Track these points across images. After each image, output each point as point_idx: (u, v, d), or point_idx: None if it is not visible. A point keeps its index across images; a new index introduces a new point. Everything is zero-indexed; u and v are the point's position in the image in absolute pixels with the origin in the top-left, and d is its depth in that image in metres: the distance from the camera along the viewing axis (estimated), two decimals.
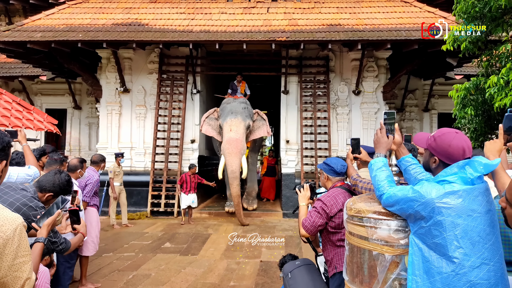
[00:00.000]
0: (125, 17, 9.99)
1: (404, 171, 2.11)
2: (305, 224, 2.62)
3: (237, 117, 8.66)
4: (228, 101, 9.39)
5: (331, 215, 2.59)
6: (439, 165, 1.80)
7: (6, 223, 1.34)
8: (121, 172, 8.52)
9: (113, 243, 7.14)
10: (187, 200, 8.81)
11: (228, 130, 8.54)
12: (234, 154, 8.32)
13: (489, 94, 5.68)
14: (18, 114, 7.14)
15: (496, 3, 5.65)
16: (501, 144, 2.05)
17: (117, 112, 10.60)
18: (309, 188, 2.87)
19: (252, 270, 5.72)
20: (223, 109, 9.12)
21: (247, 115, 8.89)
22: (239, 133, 8.49)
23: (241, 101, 9.28)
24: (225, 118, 8.72)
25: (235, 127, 8.53)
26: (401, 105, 12.92)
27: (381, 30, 8.97)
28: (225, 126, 8.61)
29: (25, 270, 1.39)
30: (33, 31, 9.11)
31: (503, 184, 1.80)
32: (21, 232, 1.38)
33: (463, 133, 1.77)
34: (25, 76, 12.26)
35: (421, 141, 1.94)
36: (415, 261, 1.70)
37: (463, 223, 1.60)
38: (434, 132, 1.85)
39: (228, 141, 8.41)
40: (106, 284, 5.07)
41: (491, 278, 1.58)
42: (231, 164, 8.31)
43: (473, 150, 1.83)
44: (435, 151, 1.80)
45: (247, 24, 9.65)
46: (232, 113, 8.76)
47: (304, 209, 2.79)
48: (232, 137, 8.42)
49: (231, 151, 8.33)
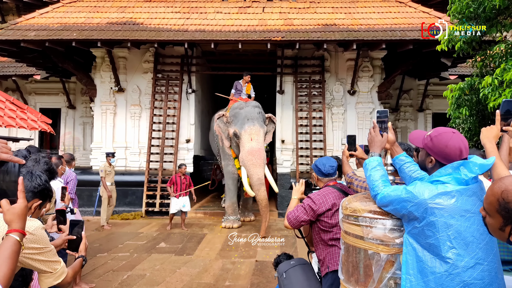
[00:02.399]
0: (120, 16, 9.95)
1: (399, 170, 2.11)
2: (289, 216, 2.68)
3: (255, 124, 7.88)
4: (240, 106, 8.40)
5: (319, 213, 2.61)
6: (435, 165, 1.78)
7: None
8: (112, 172, 8.42)
9: (107, 243, 7.11)
10: (177, 204, 8.25)
11: (248, 139, 7.79)
12: (259, 165, 7.66)
13: (484, 94, 5.71)
14: (12, 113, 7.08)
15: (490, 3, 5.69)
16: (498, 130, 2.01)
17: (112, 112, 10.55)
18: (305, 183, 2.90)
19: (248, 269, 5.71)
20: (236, 114, 8.20)
21: (263, 120, 8.19)
22: (260, 142, 7.82)
23: (254, 105, 8.38)
24: (243, 126, 7.90)
25: (255, 136, 7.80)
26: (396, 105, 12.98)
27: (376, 30, 9.00)
28: (244, 135, 7.84)
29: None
30: (27, 30, 9.05)
31: (499, 175, 1.77)
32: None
33: (460, 133, 1.75)
34: (18, 75, 12.20)
35: (417, 140, 1.91)
36: (409, 260, 1.70)
37: (456, 223, 1.59)
38: (430, 131, 1.83)
39: (251, 152, 7.69)
40: (101, 285, 5.04)
41: (485, 278, 1.57)
42: (257, 173, 7.65)
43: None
44: (432, 151, 1.78)
45: (242, 24, 9.64)
46: (248, 119, 7.94)
47: (295, 202, 2.84)
48: (255, 147, 7.72)
49: (255, 162, 7.65)
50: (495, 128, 2.02)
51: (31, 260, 1.64)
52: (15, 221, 1.40)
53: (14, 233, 1.38)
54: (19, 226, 1.40)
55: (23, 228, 1.42)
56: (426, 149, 1.81)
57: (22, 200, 1.42)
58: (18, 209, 1.41)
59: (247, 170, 7.75)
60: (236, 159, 8.38)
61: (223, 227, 8.42)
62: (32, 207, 1.90)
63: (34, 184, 1.91)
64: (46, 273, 1.72)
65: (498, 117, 2.05)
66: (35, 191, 1.91)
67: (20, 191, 1.42)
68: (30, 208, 1.90)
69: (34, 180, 1.92)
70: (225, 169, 8.87)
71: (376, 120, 2.17)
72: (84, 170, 10.44)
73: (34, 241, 1.64)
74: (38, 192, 1.92)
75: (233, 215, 8.61)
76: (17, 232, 1.39)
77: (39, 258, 1.67)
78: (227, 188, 8.83)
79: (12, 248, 1.36)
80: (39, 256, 1.67)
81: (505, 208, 1.24)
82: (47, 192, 1.99)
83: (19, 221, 1.41)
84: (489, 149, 1.93)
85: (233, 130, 8.07)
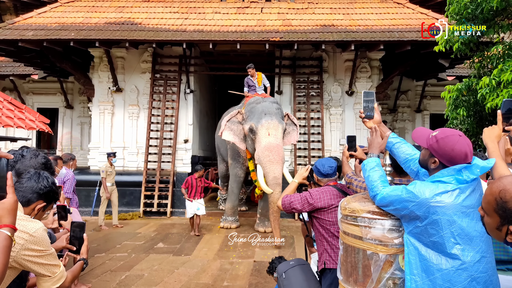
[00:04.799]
0: (118, 16, 9.94)
1: (390, 150, 2.15)
2: (284, 199, 2.75)
3: (273, 119, 7.24)
4: (257, 101, 7.79)
5: (313, 207, 2.67)
6: (438, 166, 1.77)
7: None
8: (113, 172, 8.42)
9: (105, 243, 7.09)
10: (192, 208, 7.75)
11: (265, 134, 7.14)
12: (277, 162, 6.93)
13: (481, 95, 5.74)
14: (10, 113, 7.06)
15: (488, 4, 5.72)
16: (500, 130, 2.01)
17: (110, 112, 10.54)
18: (310, 170, 2.92)
19: (246, 270, 5.71)
20: (253, 109, 7.60)
21: (281, 116, 7.57)
22: (278, 138, 7.15)
23: (272, 100, 7.80)
24: (259, 120, 7.27)
25: (273, 131, 7.13)
26: (394, 105, 13.02)
27: (374, 31, 9.03)
28: (261, 129, 7.18)
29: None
30: (25, 29, 9.02)
31: (500, 175, 1.76)
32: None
33: (465, 136, 1.73)
34: (16, 75, 12.16)
35: (420, 139, 1.86)
36: (412, 260, 1.71)
37: (458, 220, 1.61)
38: (436, 132, 1.78)
39: (268, 148, 6.99)
40: (99, 285, 5.03)
41: (489, 270, 1.61)
42: (274, 171, 6.92)
43: None
44: (437, 153, 1.75)
45: (241, 24, 9.65)
46: (265, 114, 7.33)
47: (294, 185, 2.89)
48: (272, 143, 7.02)
49: (273, 159, 6.92)
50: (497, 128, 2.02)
51: (30, 263, 1.62)
52: (5, 216, 1.38)
53: (5, 228, 1.37)
54: (9, 221, 1.39)
55: (14, 223, 1.40)
56: (430, 150, 1.78)
57: (12, 195, 1.40)
58: (7, 204, 1.39)
59: (263, 168, 7.04)
60: (251, 160, 7.87)
61: (221, 227, 8.32)
62: (35, 209, 1.88)
63: (40, 186, 1.88)
64: (44, 276, 1.70)
65: (499, 117, 2.06)
66: (40, 192, 1.88)
67: (9, 186, 1.40)
68: (34, 210, 1.87)
69: (41, 181, 1.90)
70: (231, 171, 8.58)
71: (362, 101, 2.22)
72: (82, 170, 10.41)
73: (35, 243, 1.62)
74: (43, 194, 1.90)
75: (232, 216, 8.49)
76: (8, 227, 1.37)
77: (39, 261, 1.65)
78: (230, 191, 8.57)
79: (3, 243, 1.35)
80: (39, 259, 1.65)
81: (502, 207, 1.24)
82: (52, 195, 1.96)
83: (9, 216, 1.39)
84: (491, 149, 1.94)
85: (248, 126, 7.50)
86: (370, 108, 2.19)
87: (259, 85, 8.46)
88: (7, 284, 1.64)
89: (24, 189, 1.87)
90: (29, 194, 1.87)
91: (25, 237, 1.60)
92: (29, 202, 1.86)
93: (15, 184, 1.89)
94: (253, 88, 8.45)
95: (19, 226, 1.62)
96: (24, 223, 1.64)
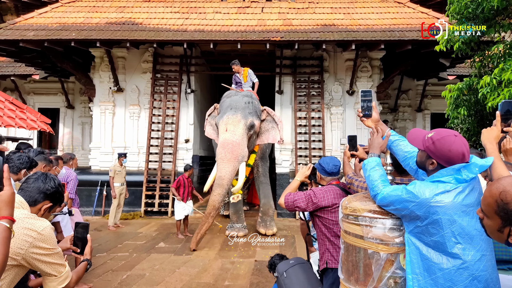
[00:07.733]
0: (118, 16, 9.94)
1: (389, 148, 2.16)
2: (287, 197, 2.74)
3: (236, 114, 6.85)
4: (229, 94, 7.61)
5: (317, 206, 2.66)
6: (437, 167, 1.78)
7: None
8: (123, 172, 8.41)
9: (106, 243, 7.11)
10: (185, 209, 7.58)
11: (223, 130, 6.78)
12: (228, 160, 6.53)
13: (482, 94, 5.74)
14: (11, 113, 7.08)
15: (489, 4, 5.71)
16: (498, 132, 2.02)
17: (111, 112, 10.55)
18: (312, 169, 2.92)
19: (247, 269, 5.72)
20: (222, 104, 7.36)
21: (250, 111, 7.03)
22: (236, 134, 6.68)
23: (244, 94, 7.42)
24: (222, 115, 6.98)
25: (231, 126, 6.73)
26: (395, 105, 13.01)
27: (375, 31, 9.02)
28: (221, 125, 6.87)
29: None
30: (26, 29, 9.03)
31: (499, 175, 1.77)
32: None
33: (461, 136, 1.74)
34: (17, 75, 12.18)
35: (416, 140, 1.86)
36: (413, 259, 1.71)
37: (459, 219, 1.62)
38: (431, 133, 1.79)
39: (222, 144, 6.66)
40: (100, 284, 5.04)
41: (489, 268, 1.61)
42: (220, 170, 6.56)
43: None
44: (434, 154, 1.75)
45: (241, 24, 9.65)
46: (231, 108, 6.96)
47: (296, 183, 2.89)
48: (227, 139, 6.63)
49: (224, 157, 6.55)
50: (495, 129, 2.03)
51: (38, 261, 1.64)
52: (3, 208, 1.40)
53: (3, 220, 1.39)
54: (8, 212, 1.41)
55: (12, 215, 1.42)
56: (427, 152, 1.79)
57: (8, 187, 1.42)
58: (5, 196, 1.41)
59: (217, 167, 6.74)
60: None
61: (227, 235, 7.60)
62: (42, 209, 1.92)
63: (47, 186, 1.93)
64: (51, 276, 1.71)
65: (498, 118, 2.06)
66: (47, 193, 1.93)
67: (6, 179, 1.42)
68: (40, 210, 1.91)
69: (48, 182, 1.95)
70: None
71: (360, 99, 2.22)
72: (83, 170, 10.42)
73: (43, 240, 1.64)
74: (50, 195, 1.94)
75: (239, 222, 7.84)
76: (6, 219, 1.39)
77: (47, 259, 1.66)
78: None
79: (2, 235, 1.37)
80: (47, 257, 1.66)
81: (503, 209, 1.23)
82: (58, 196, 2.00)
83: (7, 208, 1.41)
84: (490, 150, 1.95)
85: (215, 121, 7.24)
86: (368, 107, 2.19)
87: (245, 81, 8.19)
88: (14, 283, 1.65)
89: (31, 189, 1.90)
90: (35, 194, 1.90)
91: (34, 235, 1.62)
92: (36, 202, 1.90)
93: (22, 184, 1.94)
94: (240, 85, 8.22)
95: (27, 224, 1.64)
96: (32, 221, 1.66)
